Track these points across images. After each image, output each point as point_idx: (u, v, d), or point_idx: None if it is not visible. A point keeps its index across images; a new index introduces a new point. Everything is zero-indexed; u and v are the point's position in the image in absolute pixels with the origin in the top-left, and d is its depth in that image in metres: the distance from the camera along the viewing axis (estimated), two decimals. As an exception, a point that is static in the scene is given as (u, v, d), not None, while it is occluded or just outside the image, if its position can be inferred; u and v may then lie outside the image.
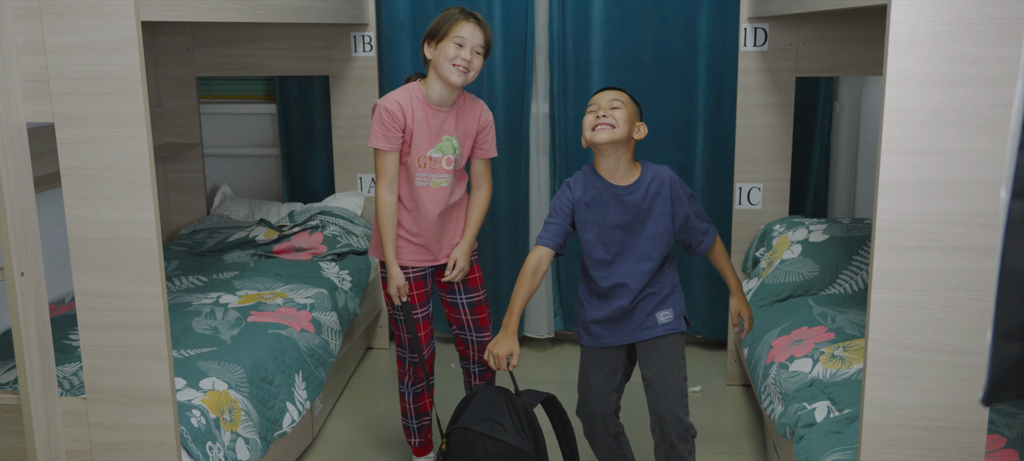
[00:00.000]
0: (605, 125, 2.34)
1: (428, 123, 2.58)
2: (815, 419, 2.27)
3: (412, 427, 2.88)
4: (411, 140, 2.57)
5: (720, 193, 3.81)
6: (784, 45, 3.36)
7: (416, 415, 2.85)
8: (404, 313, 2.67)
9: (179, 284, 3.34)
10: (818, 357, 2.58)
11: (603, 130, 2.34)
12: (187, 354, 2.60)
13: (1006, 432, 2.09)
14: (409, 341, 2.73)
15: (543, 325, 4.04)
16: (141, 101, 1.88)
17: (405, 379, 2.81)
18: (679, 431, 2.37)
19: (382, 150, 2.56)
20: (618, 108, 2.36)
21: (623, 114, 2.36)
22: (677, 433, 2.37)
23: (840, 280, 3.12)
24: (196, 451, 2.19)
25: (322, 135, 4.16)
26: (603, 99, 2.39)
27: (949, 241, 1.68)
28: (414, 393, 2.82)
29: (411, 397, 2.83)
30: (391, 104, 2.54)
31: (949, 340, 1.72)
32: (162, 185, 4.06)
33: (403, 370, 2.80)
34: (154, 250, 1.95)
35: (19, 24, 1.87)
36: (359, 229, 3.83)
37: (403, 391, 2.83)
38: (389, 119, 2.53)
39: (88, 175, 1.92)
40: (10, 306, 1.94)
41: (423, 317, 2.73)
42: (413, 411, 2.85)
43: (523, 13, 3.73)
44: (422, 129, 2.57)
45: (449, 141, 2.61)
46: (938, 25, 1.60)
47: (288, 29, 3.88)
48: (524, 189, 3.89)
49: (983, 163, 1.63)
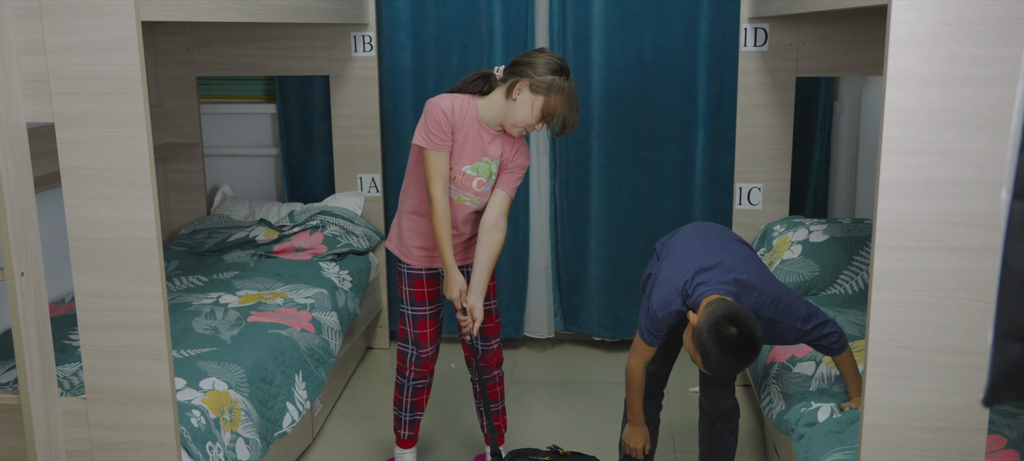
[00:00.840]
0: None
1: (476, 138, 2.52)
2: (817, 419, 2.27)
3: (404, 420, 2.86)
4: (454, 149, 2.51)
5: (720, 193, 3.81)
6: (784, 45, 3.36)
7: (411, 408, 2.84)
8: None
9: (179, 284, 3.34)
10: (820, 358, 2.58)
11: None
12: (187, 354, 2.60)
13: (1006, 433, 2.09)
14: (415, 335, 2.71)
15: (543, 325, 4.04)
16: (141, 101, 1.88)
17: (407, 373, 2.79)
18: (721, 411, 2.49)
19: (427, 149, 2.49)
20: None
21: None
22: (716, 412, 2.50)
23: (840, 280, 3.12)
24: (196, 451, 2.19)
25: (322, 135, 4.16)
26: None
27: (949, 242, 1.68)
28: (414, 388, 2.81)
29: (410, 390, 2.81)
30: (445, 105, 2.48)
31: (949, 340, 1.72)
32: (162, 185, 4.06)
33: (404, 363, 2.78)
34: (154, 250, 1.95)
35: (19, 24, 1.87)
36: (359, 229, 3.83)
37: (401, 384, 2.81)
38: (442, 119, 2.47)
39: (88, 175, 1.92)
40: (10, 306, 1.94)
41: (431, 314, 2.73)
42: (409, 404, 2.83)
43: (523, 13, 3.73)
44: (467, 142, 2.51)
45: (487, 164, 2.56)
46: (938, 25, 1.60)
47: (288, 29, 3.88)
48: (524, 189, 3.89)
49: (984, 164, 1.63)
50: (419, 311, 2.72)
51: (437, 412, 3.34)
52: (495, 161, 2.57)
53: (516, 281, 3.96)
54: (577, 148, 3.83)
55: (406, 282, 2.72)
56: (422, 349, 2.75)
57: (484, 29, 3.76)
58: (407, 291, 2.72)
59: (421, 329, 2.73)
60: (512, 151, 2.58)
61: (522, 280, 3.97)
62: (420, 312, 2.72)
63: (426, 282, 2.70)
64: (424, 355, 2.76)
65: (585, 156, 3.84)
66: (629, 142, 3.81)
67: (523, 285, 3.98)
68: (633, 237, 3.87)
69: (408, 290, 2.72)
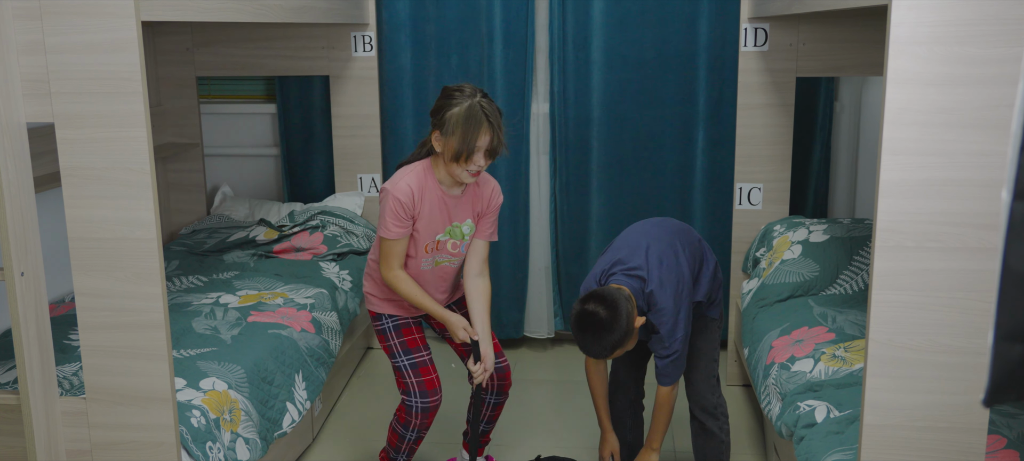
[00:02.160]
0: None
1: (440, 208, 2.48)
2: (815, 419, 2.27)
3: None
4: (418, 224, 2.47)
5: (720, 193, 3.81)
6: (784, 45, 3.36)
7: (408, 452, 2.70)
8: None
9: (179, 284, 3.34)
10: (819, 357, 2.58)
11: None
12: (187, 354, 2.60)
13: (1006, 433, 2.09)
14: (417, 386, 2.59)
15: (543, 325, 4.04)
16: (141, 101, 1.88)
17: (411, 426, 2.61)
18: (706, 407, 2.55)
19: (385, 238, 2.46)
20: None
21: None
22: (700, 410, 2.56)
23: (840, 280, 3.12)
24: (196, 451, 2.19)
25: (322, 135, 4.16)
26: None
27: (950, 242, 1.68)
28: (417, 437, 2.65)
29: (412, 440, 2.66)
30: (403, 193, 2.42)
31: (950, 341, 1.72)
32: (162, 185, 4.06)
33: (408, 417, 2.60)
34: (154, 250, 1.95)
35: (19, 24, 1.87)
36: (359, 229, 3.83)
37: (402, 434, 2.64)
38: (399, 208, 2.42)
39: (88, 175, 1.92)
40: (10, 306, 1.94)
41: (429, 359, 2.62)
42: (407, 450, 2.69)
43: (523, 13, 3.73)
44: (432, 215, 2.47)
45: (457, 227, 2.53)
46: (939, 25, 1.60)
47: (288, 29, 3.88)
48: (524, 189, 3.89)
49: (984, 164, 1.63)
50: (417, 359, 2.60)
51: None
52: (465, 221, 2.53)
53: (516, 281, 3.96)
54: (577, 148, 3.83)
55: (393, 335, 2.62)
56: (431, 397, 2.59)
57: (484, 29, 3.76)
58: (397, 343, 2.61)
59: (425, 376, 2.59)
60: (483, 202, 2.54)
61: (522, 280, 3.97)
62: (419, 359, 2.60)
63: (415, 328, 2.63)
64: (433, 404, 2.60)
65: (585, 156, 3.84)
66: (629, 142, 3.81)
67: (523, 285, 3.98)
68: (633, 237, 3.87)
69: (398, 341, 2.61)
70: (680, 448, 3.08)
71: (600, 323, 2.26)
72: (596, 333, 2.28)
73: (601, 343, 2.30)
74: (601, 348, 2.32)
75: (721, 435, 2.57)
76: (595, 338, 2.30)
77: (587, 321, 2.28)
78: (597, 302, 2.29)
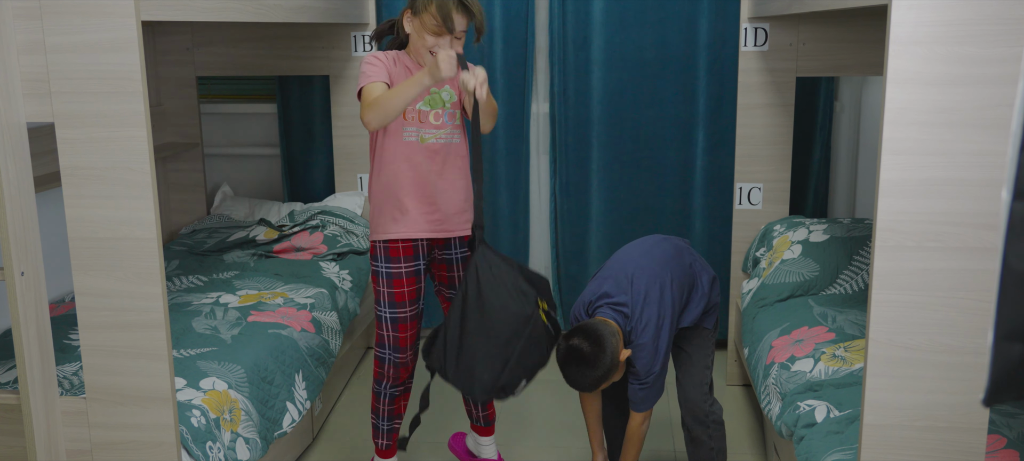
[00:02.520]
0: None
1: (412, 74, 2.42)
2: (815, 419, 2.27)
3: (381, 428, 2.75)
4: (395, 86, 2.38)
5: (720, 193, 3.81)
6: (784, 45, 3.36)
7: (388, 416, 2.73)
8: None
9: (179, 284, 3.34)
10: (819, 357, 2.58)
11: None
12: (187, 354, 2.60)
13: (1006, 432, 2.09)
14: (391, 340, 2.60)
15: (543, 325, 4.04)
16: (141, 101, 1.88)
17: (383, 380, 2.67)
18: (696, 415, 2.55)
19: (364, 86, 2.39)
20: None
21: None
22: (691, 417, 2.56)
23: (840, 280, 3.12)
24: (196, 451, 2.19)
25: (322, 135, 4.16)
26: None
27: (950, 241, 1.68)
28: (391, 395, 2.70)
29: (387, 398, 2.70)
30: (375, 54, 2.45)
31: (950, 340, 1.72)
32: (162, 185, 4.06)
33: (381, 371, 2.66)
34: (154, 250, 1.95)
35: (19, 24, 1.87)
36: (359, 229, 3.83)
37: (378, 391, 2.70)
38: (376, 60, 2.43)
39: (88, 175, 1.92)
40: (10, 306, 1.94)
41: (411, 316, 2.61)
42: (386, 412, 2.72)
43: (523, 13, 3.73)
44: (408, 77, 2.40)
45: (437, 95, 2.48)
46: (939, 25, 1.60)
47: (288, 29, 3.88)
48: (524, 189, 3.89)
49: (984, 164, 1.63)
50: (398, 313, 2.59)
51: (429, 414, 3.34)
52: (443, 88, 2.49)
53: (516, 281, 3.95)
54: (577, 148, 3.83)
55: (384, 281, 2.57)
56: (401, 353, 2.62)
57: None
58: (385, 292, 2.57)
59: (400, 332, 2.60)
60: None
61: (522, 280, 3.97)
62: (400, 314, 2.59)
63: (406, 281, 2.57)
64: (402, 360, 2.63)
65: (585, 156, 3.84)
66: (629, 142, 3.81)
67: (523, 285, 3.98)
68: (633, 237, 3.85)
69: (386, 290, 2.57)
70: (680, 449, 3.08)
71: (584, 358, 2.33)
72: (580, 368, 2.34)
73: (586, 378, 2.36)
74: (586, 382, 2.37)
75: (710, 443, 2.56)
76: (579, 373, 2.36)
77: (571, 356, 2.35)
78: (582, 337, 2.34)
